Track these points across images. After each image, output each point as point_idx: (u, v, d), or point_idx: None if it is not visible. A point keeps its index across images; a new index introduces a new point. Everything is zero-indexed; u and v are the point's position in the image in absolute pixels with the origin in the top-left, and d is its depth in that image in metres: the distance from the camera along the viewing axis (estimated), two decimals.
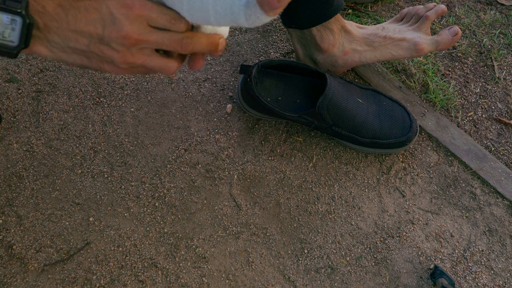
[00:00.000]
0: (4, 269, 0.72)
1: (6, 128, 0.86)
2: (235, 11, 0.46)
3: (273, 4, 0.43)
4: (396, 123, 0.82)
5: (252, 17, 0.46)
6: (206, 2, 0.46)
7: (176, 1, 0.47)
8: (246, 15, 0.46)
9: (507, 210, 0.80)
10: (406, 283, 0.73)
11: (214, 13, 0.47)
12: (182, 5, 0.47)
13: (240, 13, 0.45)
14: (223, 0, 0.45)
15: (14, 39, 0.43)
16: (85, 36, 0.45)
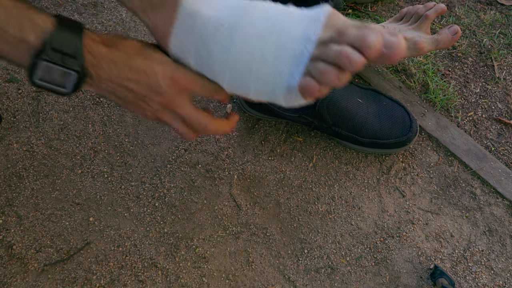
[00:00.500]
0: (4, 269, 0.72)
1: (6, 128, 0.86)
2: (276, 93, 0.48)
3: (314, 94, 0.45)
4: (396, 123, 0.82)
5: (291, 100, 0.48)
6: (248, 80, 0.49)
7: (217, 76, 0.50)
8: (285, 97, 0.48)
9: (507, 210, 0.80)
10: (406, 283, 0.73)
11: (255, 90, 0.50)
12: (223, 79, 0.50)
13: (280, 95, 0.48)
14: (265, 82, 0.48)
15: (67, 87, 0.47)
16: (131, 92, 0.50)
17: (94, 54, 0.47)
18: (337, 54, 0.43)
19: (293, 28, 0.46)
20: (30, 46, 0.45)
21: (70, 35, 0.46)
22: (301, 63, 0.46)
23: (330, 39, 0.45)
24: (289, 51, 0.46)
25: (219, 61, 0.49)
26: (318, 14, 0.47)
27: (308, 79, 0.45)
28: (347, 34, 0.44)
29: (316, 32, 0.45)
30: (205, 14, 0.48)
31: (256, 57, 0.47)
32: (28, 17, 0.44)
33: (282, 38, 0.46)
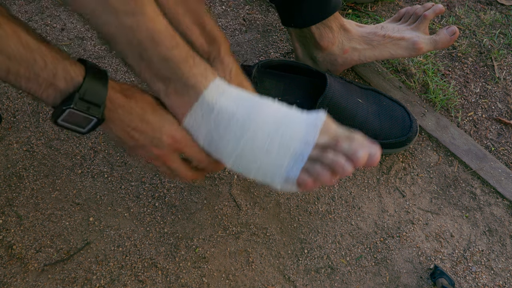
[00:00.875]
0: (4, 269, 0.72)
1: (6, 128, 0.87)
2: (274, 181, 0.58)
3: (309, 188, 0.56)
4: (396, 123, 0.82)
5: (286, 188, 0.58)
6: (251, 167, 0.58)
7: (223, 156, 0.59)
8: (282, 186, 0.58)
9: (507, 210, 0.80)
10: (406, 283, 0.73)
11: (255, 175, 0.59)
12: (227, 160, 0.59)
13: (278, 183, 0.58)
14: (266, 170, 0.58)
15: (85, 129, 0.53)
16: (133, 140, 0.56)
17: (112, 102, 0.52)
18: (333, 162, 0.54)
19: (295, 132, 0.56)
20: (60, 92, 0.49)
21: (98, 87, 0.50)
22: (299, 160, 0.56)
23: (327, 145, 0.56)
24: (291, 150, 0.56)
25: (229, 146, 0.57)
26: (316, 120, 0.57)
27: (306, 177, 0.55)
28: (341, 146, 0.55)
29: (314, 137, 0.56)
30: (223, 106, 0.56)
31: (262, 150, 0.56)
32: (62, 66, 0.48)
33: (285, 138, 0.56)
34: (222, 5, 1.07)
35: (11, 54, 0.44)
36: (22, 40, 0.45)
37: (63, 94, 0.49)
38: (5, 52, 0.44)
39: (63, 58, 0.49)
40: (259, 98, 0.59)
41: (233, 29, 1.03)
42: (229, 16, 1.05)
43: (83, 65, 0.51)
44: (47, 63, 0.47)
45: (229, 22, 1.04)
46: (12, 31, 0.44)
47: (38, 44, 0.46)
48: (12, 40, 0.44)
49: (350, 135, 0.57)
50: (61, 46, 0.98)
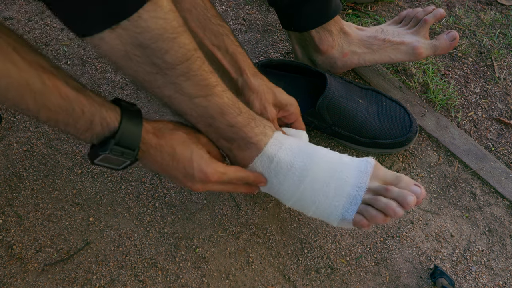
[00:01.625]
0: (4, 269, 0.72)
1: (6, 128, 0.87)
2: (330, 219, 0.66)
3: (364, 227, 0.63)
4: (396, 123, 0.82)
5: (342, 225, 0.66)
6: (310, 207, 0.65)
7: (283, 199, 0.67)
8: (339, 223, 0.65)
9: (507, 210, 0.80)
10: (406, 283, 0.73)
11: (313, 214, 0.67)
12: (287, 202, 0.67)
13: (334, 221, 0.65)
14: (324, 211, 0.65)
15: (119, 168, 0.56)
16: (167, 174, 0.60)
17: (145, 143, 0.56)
18: (385, 206, 0.61)
19: (348, 177, 0.64)
20: (97, 135, 0.52)
21: (132, 132, 0.53)
22: (354, 204, 0.63)
23: (377, 190, 0.63)
24: (345, 193, 0.63)
25: (289, 192, 0.65)
26: (366, 166, 0.64)
27: (361, 218, 0.63)
28: (391, 191, 0.62)
29: (366, 183, 0.63)
30: (281, 158, 0.64)
31: (319, 194, 0.64)
32: (98, 113, 0.51)
33: (339, 183, 0.63)
34: (222, 5, 1.07)
35: (51, 107, 0.47)
36: (62, 93, 0.47)
37: (99, 137, 0.52)
38: (46, 105, 0.47)
39: (100, 104, 0.51)
40: (314, 148, 0.66)
41: (233, 29, 1.03)
42: (229, 16, 1.05)
43: (118, 107, 0.54)
44: (85, 112, 0.49)
45: (229, 22, 1.04)
46: (53, 86, 0.46)
47: (77, 94, 0.49)
48: (53, 95, 0.47)
49: (397, 178, 0.64)
50: (61, 46, 0.98)
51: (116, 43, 0.49)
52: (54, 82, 0.47)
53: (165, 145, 0.57)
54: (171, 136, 0.58)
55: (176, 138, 0.59)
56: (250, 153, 0.64)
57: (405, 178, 0.64)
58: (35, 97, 0.45)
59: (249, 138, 0.62)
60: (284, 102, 0.70)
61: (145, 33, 0.49)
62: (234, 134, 0.62)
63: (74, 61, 0.96)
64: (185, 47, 0.53)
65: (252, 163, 0.65)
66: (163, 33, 0.50)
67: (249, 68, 0.69)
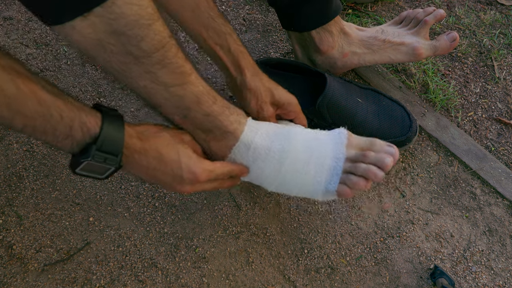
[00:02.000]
0: (4, 269, 0.72)
1: (6, 128, 0.87)
2: (315, 195, 0.67)
3: (348, 196, 0.64)
4: (396, 123, 0.82)
5: (327, 198, 0.67)
6: (293, 188, 0.66)
7: (265, 184, 0.67)
8: (323, 197, 0.67)
9: (507, 210, 0.80)
10: (406, 283, 0.73)
11: (297, 193, 0.68)
12: (270, 186, 0.67)
13: (319, 196, 0.66)
14: (307, 188, 0.65)
15: (103, 176, 0.54)
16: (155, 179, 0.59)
17: (128, 148, 0.54)
18: (366, 171, 0.62)
19: (326, 151, 0.65)
20: (77, 142, 0.50)
21: (114, 137, 0.51)
22: (335, 174, 0.64)
23: (355, 158, 0.65)
24: (325, 167, 0.64)
25: (270, 176, 0.65)
26: (340, 137, 0.66)
27: (344, 187, 0.64)
28: (369, 157, 0.63)
29: (343, 153, 0.65)
30: (258, 143, 0.64)
31: (301, 173, 0.64)
32: (78, 118, 0.49)
33: (319, 158, 0.64)
34: (222, 5, 1.07)
35: (27, 113, 0.45)
36: (39, 98, 0.45)
37: (80, 144, 0.50)
38: (22, 111, 0.45)
39: (79, 109, 0.49)
40: (288, 129, 0.66)
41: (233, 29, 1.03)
42: (229, 16, 1.05)
43: (99, 112, 0.52)
44: (63, 117, 0.47)
45: (229, 22, 1.04)
46: (29, 90, 0.45)
47: (54, 99, 0.47)
48: (29, 100, 0.45)
49: (370, 142, 0.66)
50: (61, 46, 0.98)
51: (89, 31, 0.47)
52: (30, 86, 0.45)
53: (149, 148, 0.56)
54: (155, 139, 0.57)
55: (160, 140, 0.57)
56: (227, 142, 0.63)
57: (377, 141, 0.66)
58: (9, 102, 0.43)
59: (225, 127, 0.62)
60: (282, 102, 0.71)
61: (119, 19, 0.47)
62: (210, 123, 0.61)
63: (74, 61, 0.96)
64: (161, 34, 0.51)
65: (230, 153, 0.64)
66: (138, 19, 0.48)
67: (249, 68, 0.69)
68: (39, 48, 0.98)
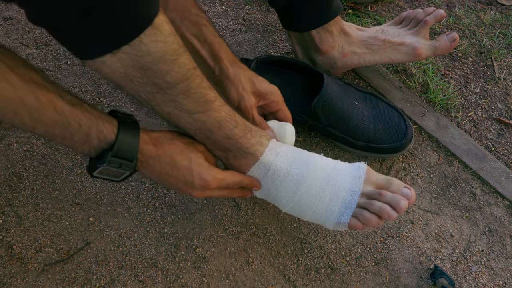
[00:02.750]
0: (4, 269, 0.72)
1: (6, 128, 0.87)
2: (327, 223, 0.67)
3: (359, 229, 0.65)
4: (391, 129, 0.82)
5: (337, 228, 0.68)
6: (306, 212, 0.67)
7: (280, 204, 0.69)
8: (334, 227, 0.68)
9: (507, 210, 0.80)
10: (406, 283, 0.73)
11: (310, 218, 0.68)
12: (284, 207, 0.69)
13: (330, 226, 0.67)
14: (320, 215, 0.67)
15: (119, 179, 0.57)
16: (167, 183, 0.61)
17: (143, 154, 0.56)
18: (380, 210, 0.64)
19: (343, 183, 0.66)
20: (94, 148, 0.53)
21: (129, 143, 0.54)
22: (349, 208, 0.65)
23: (371, 195, 0.66)
24: (340, 198, 0.66)
25: (286, 197, 0.67)
26: (359, 172, 0.67)
27: (356, 221, 0.65)
28: (385, 196, 0.64)
29: (359, 187, 0.66)
30: (278, 166, 0.66)
31: (315, 199, 0.66)
32: (95, 126, 0.51)
33: (335, 189, 0.66)
34: (222, 5, 1.07)
35: (47, 121, 0.48)
36: (57, 108, 0.48)
37: (97, 150, 0.53)
38: (42, 121, 0.48)
39: (96, 117, 0.52)
40: (308, 155, 0.68)
41: (233, 29, 1.03)
42: (229, 16, 1.05)
43: (115, 119, 0.54)
44: (81, 125, 0.50)
45: (229, 22, 1.04)
46: (48, 101, 0.47)
47: (72, 108, 0.49)
48: (48, 110, 0.47)
49: (388, 181, 0.67)
50: (61, 46, 0.98)
51: (117, 66, 0.50)
52: (49, 97, 0.47)
53: (163, 155, 0.58)
54: (169, 146, 0.59)
55: (174, 147, 0.60)
56: (247, 162, 0.66)
57: (395, 181, 0.66)
58: (30, 112, 0.46)
59: (246, 148, 0.64)
60: (264, 91, 0.71)
61: (146, 56, 0.50)
62: (231, 145, 0.64)
63: (74, 61, 0.96)
64: (185, 67, 0.54)
65: (248, 172, 0.66)
66: (163, 55, 0.51)
67: (226, 57, 0.69)
68: (39, 48, 0.98)
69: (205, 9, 1.06)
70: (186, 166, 0.60)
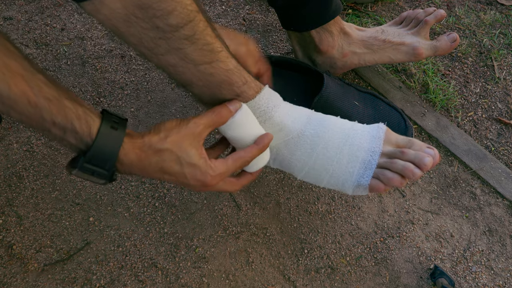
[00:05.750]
0: (4, 269, 0.72)
1: (6, 128, 0.87)
2: (345, 187, 0.64)
3: (381, 191, 0.62)
4: (391, 129, 0.82)
5: (357, 193, 0.65)
6: (323, 176, 0.64)
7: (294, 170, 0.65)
8: (353, 191, 0.64)
9: (507, 210, 0.80)
10: (406, 283, 0.73)
11: (327, 183, 0.65)
12: (299, 173, 0.65)
13: (349, 190, 0.64)
14: (338, 178, 0.63)
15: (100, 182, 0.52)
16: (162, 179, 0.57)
17: (123, 164, 0.51)
18: (403, 168, 0.60)
19: (362, 143, 0.63)
20: (71, 146, 0.49)
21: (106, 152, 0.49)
22: (369, 168, 0.62)
23: (392, 154, 0.62)
24: (359, 159, 0.62)
25: (301, 161, 0.63)
26: (378, 132, 0.64)
27: (377, 182, 0.62)
28: (408, 154, 0.61)
29: (379, 147, 0.62)
30: (291, 126, 0.62)
31: (333, 161, 0.63)
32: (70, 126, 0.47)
33: (353, 149, 0.62)
34: (222, 5, 1.07)
35: (20, 111, 0.45)
36: (31, 101, 0.45)
37: (74, 149, 0.49)
38: (15, 109, 0.45)
39: (77, 117, 0.48)
40: (323, 116, 0.65)
41: (233, 29, 1.03)
42: (229, 16, 1.05)
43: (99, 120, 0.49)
44: (56, 123, 0.47)
45: (229, 22, 1.04)
46: (20, 92, 0.44)
47: (48, 103, 0.46)
48: (21, 101, 0.45)
49: (409, 141, 0.63)
50: (61, 46, 0.98)
51: (117, 6, 0.48)
52: (22, 88, 0.44)
53: (149, 164, 0.53)
54: (155, 154, 0.53)
55: (161, 154, 0.54)
56: None
57: (417, 142, 0.63)
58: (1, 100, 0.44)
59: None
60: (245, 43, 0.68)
61: None
62: None
63: (74, 61, 0.96)
64: (188, 7, 0.50)
65: None
66: None
67: None
68: (39, 48, 0.98)
69: (205, 9, 1.06)
70: (178, 171, 0.55)
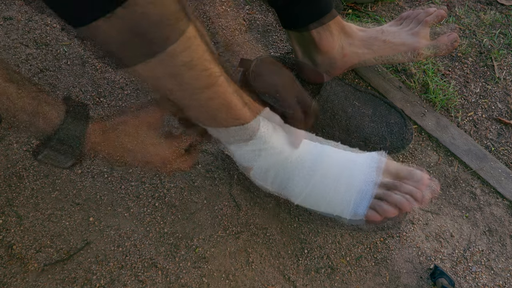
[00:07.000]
0: (4, 269, 0.72)
1: (6, 128, 0.87)
2: (342, 214, 0.65)
3: (377, 223, 0.63)
4: (390, 129, 0.82)
5: (354, 221, 0.65)
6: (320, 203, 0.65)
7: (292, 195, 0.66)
8: (350, 219, 0.65)
9: (507, 210, 0.80)
10: (406, 283, 0.73)
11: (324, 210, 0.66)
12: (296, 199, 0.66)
13: (346, 216, 0.65)
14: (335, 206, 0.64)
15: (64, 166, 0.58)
16: None
17: None
18: (399, 201, 0.61)
19: (360, 173, 0.63)
20: None
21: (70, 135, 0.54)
22: (366, 199, 0.63)
23: (391, 185, 0.63)
24: (357, 189, 0.63)
25: (298, 187, 0.64)
26: (378, 162, 0.64)
27: (374, 213, 0.63)
28: (405, 187, 0.62)
29: (378, 178, 0.63)
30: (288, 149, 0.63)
31: (330, 190, 0.63)
32: None
33: (350, 180, 0.63)
34: (222, 5, 1.07)
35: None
36: None
37: None
38: None
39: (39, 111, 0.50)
40: (321, 146, 0.66)
41: (233, 29, 1.03)
42: (229, 16, 1.05)
43: None
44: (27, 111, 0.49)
45: (229, 22, 1.04)
46: None
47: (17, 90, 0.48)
48: None
49: (410, 173, 0.64)
50: (61, 46, 0.98)
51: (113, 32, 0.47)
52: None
53: None
54: None
55: None
56: None
57: (418, 173, 0.64)
58: None
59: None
60: None
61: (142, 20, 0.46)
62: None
63: (74, 61, 0.96)
64: (185, 34, 0.49)
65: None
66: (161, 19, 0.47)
67: None
68: (39, 48, 0.98)
69: (205, 9, 1.06)
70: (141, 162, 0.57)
